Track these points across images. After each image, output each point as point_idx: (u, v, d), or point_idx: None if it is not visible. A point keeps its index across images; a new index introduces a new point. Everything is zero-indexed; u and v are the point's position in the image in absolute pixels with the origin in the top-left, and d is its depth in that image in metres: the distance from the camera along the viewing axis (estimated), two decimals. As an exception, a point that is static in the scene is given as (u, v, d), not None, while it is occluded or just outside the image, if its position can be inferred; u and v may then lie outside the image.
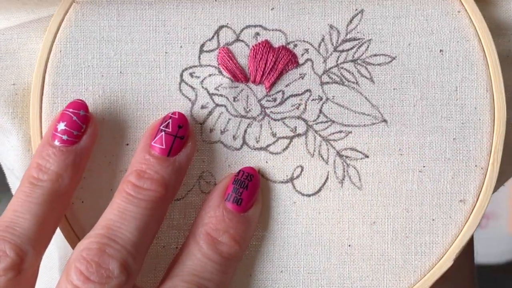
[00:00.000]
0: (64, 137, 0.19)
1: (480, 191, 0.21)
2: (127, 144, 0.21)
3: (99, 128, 0.21)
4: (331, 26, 0.21)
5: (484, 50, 0.21)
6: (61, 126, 0.19)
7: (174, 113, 0.20)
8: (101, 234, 0.18)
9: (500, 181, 0.22)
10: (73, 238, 0.21)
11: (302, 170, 0.21)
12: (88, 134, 0.20)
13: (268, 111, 0.21)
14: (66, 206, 0.20)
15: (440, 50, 0.21)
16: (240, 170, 0.20)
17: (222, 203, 0.19)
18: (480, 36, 0.21)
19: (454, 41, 0.21)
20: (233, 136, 0.21)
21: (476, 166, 0.21)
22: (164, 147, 0.19)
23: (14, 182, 0.25)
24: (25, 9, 0.22)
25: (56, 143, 0.19)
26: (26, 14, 0.22)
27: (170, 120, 0.19)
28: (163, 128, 0.19)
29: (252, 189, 0.20)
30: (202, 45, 0.21)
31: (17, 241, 0.18)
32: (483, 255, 0.59)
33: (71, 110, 0.20)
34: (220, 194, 0.20)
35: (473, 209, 0.21)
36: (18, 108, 0.22)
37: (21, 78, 0.22)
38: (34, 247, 0.18)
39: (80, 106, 0.20)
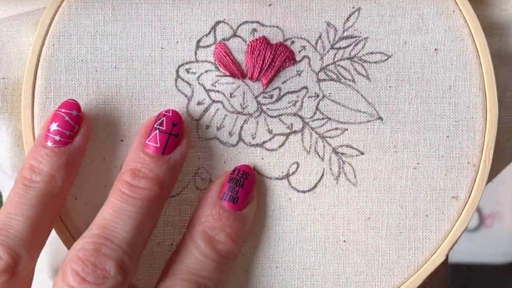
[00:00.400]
0: (57, 137, 0.20)
1: (472, 187, 0.22)
2: (122, 140, 0.21)
3: (93, 124, 0.21)
4: (328, 24, 0.22)
5: (477, 50, 0.22)
6: (54, 126, 0.20)
7: (168, 111, 0.20)
8: (96, 234, 0.19)
9: (489, 178, 0.24)
10: (66, 234, 0.21)
11: (298, 166, 0.22)
12: (81, 134, 0.20)
13: (264, 107, 0.22)
14: (60, 207, 0.20)
15: (435, 49, 0.22)
16: (235, 168, 0.21)
17: (219, 202, 0.20)
18: (474, 36, 0.22)
19: (448, 40, 0.22)
20: (229, 133, 0.22)
21: (468, 163, 0.22)
22: (158, 145, 0.20)
23: (1, 177, 0.26)
24: (13, 0, 0.22)
25: (49, 144, 0.20)
26: (14, 6, 0.22)
27: (164, 118, 0.20)
28: (157, 126, 0.20)
29: (247, 187, 0.21)
30: (199, 41, 0.22)
31: (11, 244, 0.19)
32: (487, 255, 0.62)
33: (63, 110, 0.20)
34: (216, 193, 0.20)
35: (465, 205, 0.22)
36: (8, 102, 0.22)
37: (11, 72, 0.22)
38: (28, 249, 0.19)
39: (72, 106, 0.20)
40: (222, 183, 0.21)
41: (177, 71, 0.22)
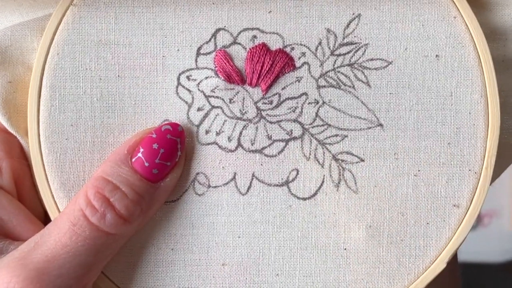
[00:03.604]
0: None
1: (474, 195, 0.21)
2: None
3: (96, 132, 0.21)
4: (328, 30, 0.21)
5: (479, 56, 0.21)
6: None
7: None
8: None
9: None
10: None
11: (297, 173, 0.21)
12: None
13: (264, 113, 0.21)
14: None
15: (436, 56, 0.21)
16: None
17: None
18: (476, 42, 0.21)
19: (449, 47, 0.21)
20: (228, 138, 0.21)
21: (470, 170, 0.21)
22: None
23: None
24: (19, 12, 0.22)
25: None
26: (20, 17, 0.22)
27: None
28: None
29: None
30: (199, 48, 0.21)
31: None
32: (485, 254, 0.60)
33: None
34: None
35: (466, 213, 0.21)
36: (17, 106, 0.21)
37: (16, 75, 0.21)
38: None
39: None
40: None
41: (178, 79, 0.21)
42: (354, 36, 0.21)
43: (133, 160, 0.19)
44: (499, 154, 0.21)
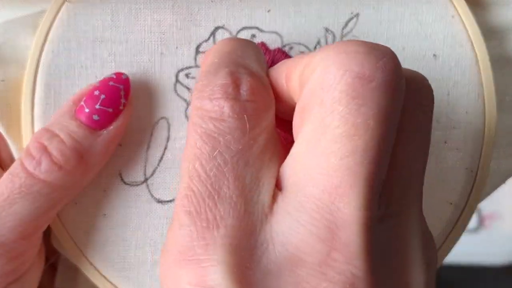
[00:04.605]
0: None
1: (470, 194, 0.22)
2: (120, 145, 0.21)
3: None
4: (326, 29, 0.21)
5: (476, 56, 0.21)
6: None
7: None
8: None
9: (495, 184, 0.24)
10: (67, 237, 0.21)
11: None
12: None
13: None
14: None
15: (434, 55, 0.21)
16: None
17: None
18: (473, 42, 0.21)
19: (447, 46, 0.21)
20: None
21: (466, 169, 0.22)
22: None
23: None
24: (10, 6, 0.22)
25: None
26: (11, 12, 0.22)
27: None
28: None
29: None
30: (198, 46, 0.21)
31: None
32: (486, 256, 0.62)
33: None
34: None
35: (462, 211, 0.22)
36: (11, 105, 0.21)
37: (9, 74, 0.21)
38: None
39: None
40: None
41: (177, 76, 0.22)
42: (353, 35, 0.21)
43: (76, 108, 0.20)
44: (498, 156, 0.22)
